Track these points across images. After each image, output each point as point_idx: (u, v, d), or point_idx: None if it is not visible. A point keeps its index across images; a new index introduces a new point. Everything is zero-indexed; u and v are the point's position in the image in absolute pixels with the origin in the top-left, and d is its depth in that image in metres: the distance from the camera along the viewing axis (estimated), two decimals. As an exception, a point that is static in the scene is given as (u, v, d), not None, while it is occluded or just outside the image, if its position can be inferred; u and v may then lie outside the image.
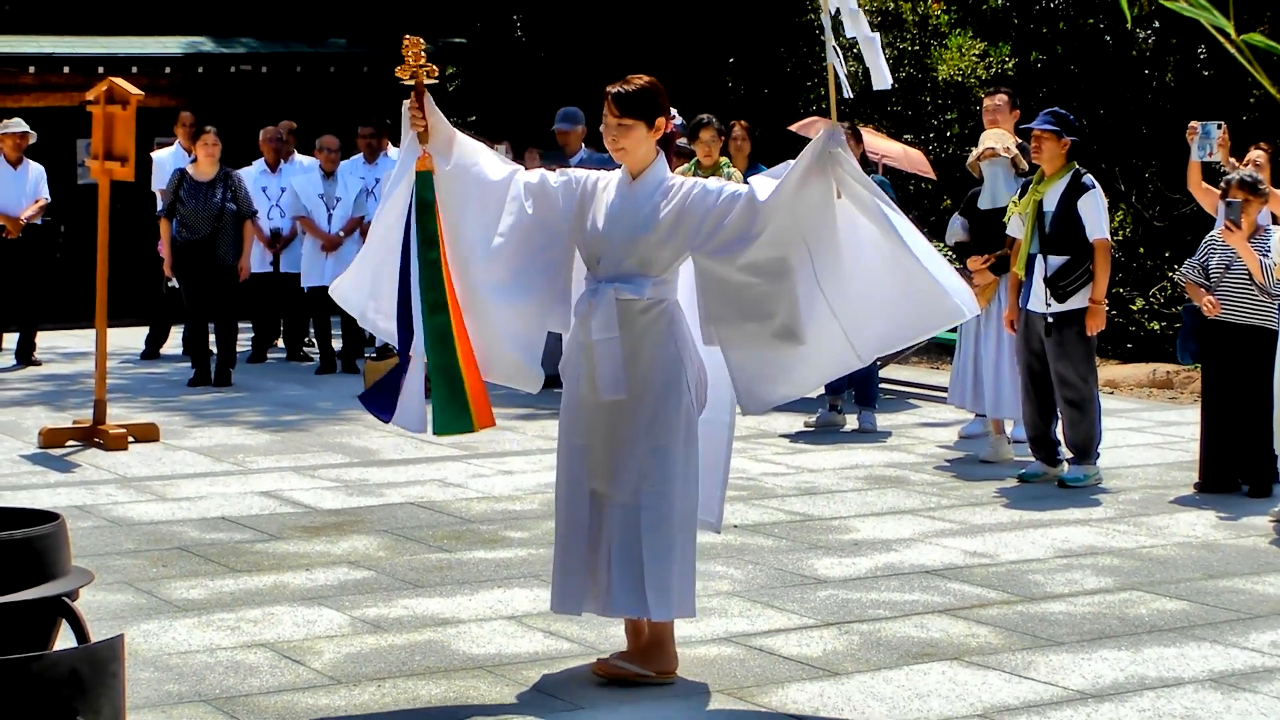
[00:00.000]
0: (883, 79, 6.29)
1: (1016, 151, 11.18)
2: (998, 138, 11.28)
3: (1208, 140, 10.98)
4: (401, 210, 6.42)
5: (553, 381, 6.61)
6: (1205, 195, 11.31)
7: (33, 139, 16.06)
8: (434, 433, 6.40)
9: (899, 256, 6.06)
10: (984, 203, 11.24)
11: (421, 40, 6.50)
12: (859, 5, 6.32)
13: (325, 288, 15.21)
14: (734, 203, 6.17)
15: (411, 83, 6.43)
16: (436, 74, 6.49)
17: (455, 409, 6.32)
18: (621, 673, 6.30)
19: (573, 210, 6.33)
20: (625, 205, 6.27)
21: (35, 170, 16.05)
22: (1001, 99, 11.84)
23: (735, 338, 6.23)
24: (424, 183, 6.35)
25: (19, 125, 15.96)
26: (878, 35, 6.49)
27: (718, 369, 6.34)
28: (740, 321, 6.20)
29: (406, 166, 6.43)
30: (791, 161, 6.21)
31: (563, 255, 6.38)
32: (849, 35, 6.28)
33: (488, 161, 6.47)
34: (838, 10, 6.28)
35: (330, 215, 15.47)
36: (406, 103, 6.42)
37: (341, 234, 15.39)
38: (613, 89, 6.28)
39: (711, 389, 6.38)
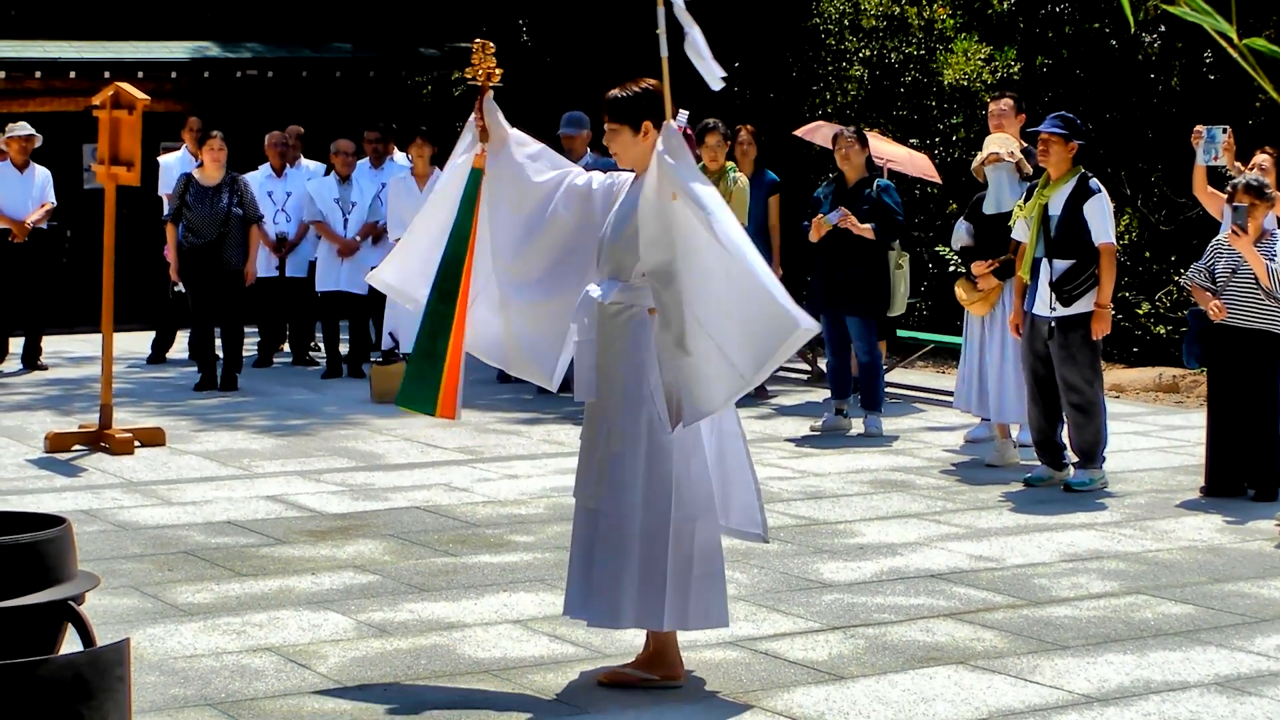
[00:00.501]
0: (714, 77, 6.35)
1: (1021, 156, 11.18)
2: (1002, 142, 11.28)
3: (1213, 144, 10.97)
4: (452, 202, 6.63)
5: (564, 386, 6.64)
6: (1210, 200, 11.30)
7: (38, 142, 16.07)
8: (396, 402, 6.81)
9: (739, 266, 5.90)
10: (989, 207, 11.24)
11: (490, 44, 6.68)
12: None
13: (338, 292, 15.37)
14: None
15: (477, 84, 6.65)
16: (500, 77, 6.69)
17: (424, 388, 6.60)
18: (624, 678, 6.32)
19: (606, 213, 6.39)
20: (620, 208, 6.35)
21: (42, 174, 16.07)
22: (1007, 103, 11.84)
23: (660, 345, 6.12)
24: (474, 180, 6.59)
25: (24, 129, 15.98)
26: (697, 30, 6.55)
27: None
28: (661, 329, 6.11)
29: (463, 161, 6.67)
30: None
31: (593, 258, 6.44)
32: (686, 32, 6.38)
33: (540, 164, 6.56)
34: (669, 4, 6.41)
35: (346, 220, 15.46)
36: (476, 103, 6.64)
37: (357, 239, 15.39)
38: (609, 94, 6.36)
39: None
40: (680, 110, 6.62)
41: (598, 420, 6.35)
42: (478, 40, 6.72)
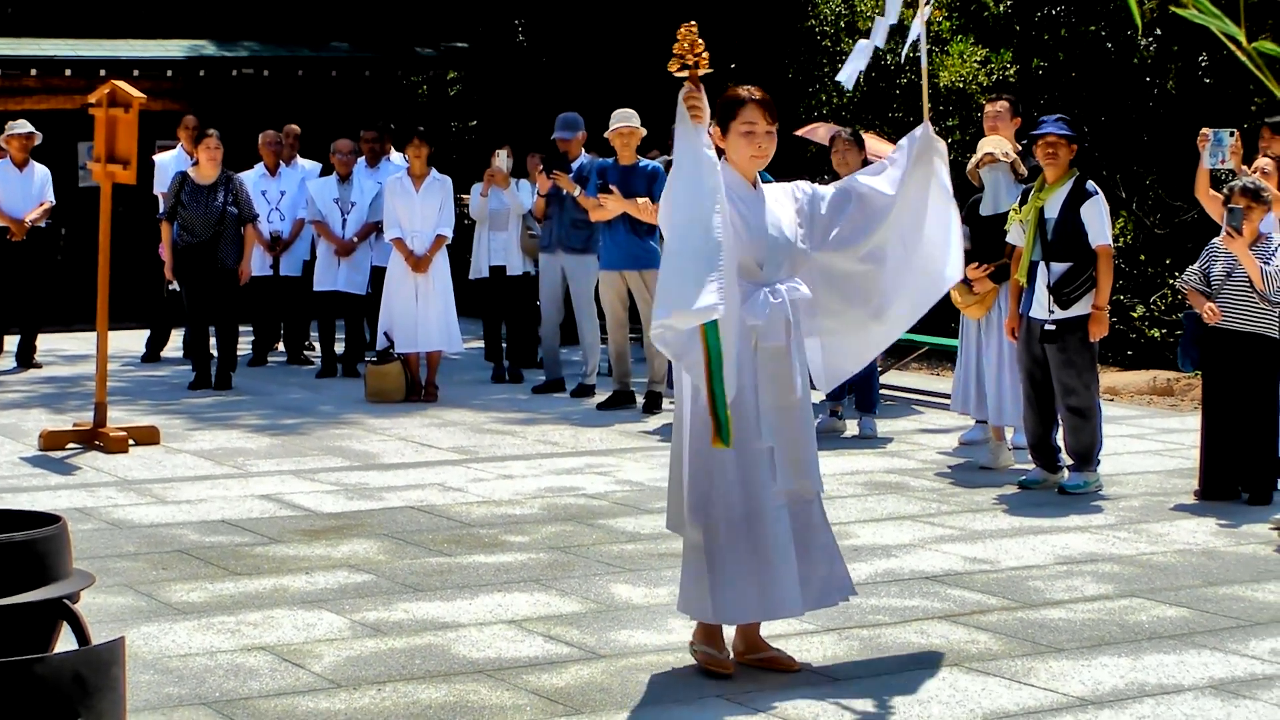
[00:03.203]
0: (849, 77, 6.59)
1: (1016, 157, 11.19)
2: (996, 143, 11.29)
3: (1220, 148, 10.95)
4: (713, 203, 5.98)
5: (554, 385, 6.63)
6: (1212, 202, 11.29)
7: (38, 140, 16.08)
8: (726, 443, 6.06)
9: (945, 234, 6.73)
10: (985, 208, 11.24)
11: (695, 26, 6.22)
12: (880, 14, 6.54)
13: (335, 293, 15.37)
14: (843, 203, 6.55)
15: (685, 75, 6.18)
16: (708, 62, 6.22)
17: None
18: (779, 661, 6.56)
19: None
20: (769, 212, 6.46)
21: (41, 172, 16.07)
22: (1003, 105, 11.83)
23: (838, 325, 6.67)
24: (713, 168, 6.05)
25: (24, 127, 15.98)
26: (873, 46, 6.76)
27: None
28: (846, 309, 6.65)
29: (702, 155, 6.05)
30: (891, 157, 6.71)
31: None
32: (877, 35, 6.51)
33: None
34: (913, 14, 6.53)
35: (345, 220, 15.45)
36: (683, 92, 6.12)
37: (355, 239, 15.39)
38: (758, 95, 6.46)
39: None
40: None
41: (803, 413, 6.56)
42: (684, 26, 6.24)
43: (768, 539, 6.36)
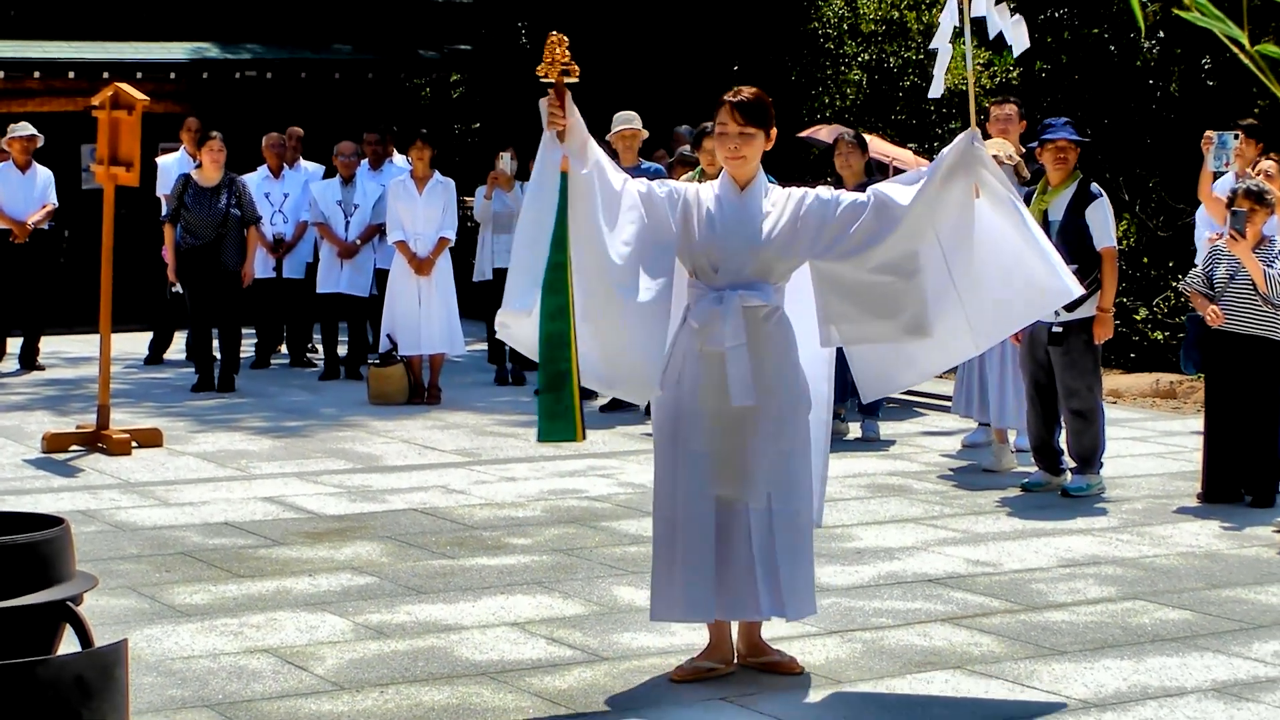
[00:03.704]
0: (936, 87, 6.67)
1: (1019, 159, 11.18)
2: (1000, 146, 11.27)
3: (1224, 150, 10.94)
4: (548, 213, 6.18)
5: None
6: (1215, 205, 11.29)
7: (40, 142, 16.07)
8: (539, 439, 6.23)
9: (1026, 246, 6.52)
10: (988, 212, 11.23)
11: (565, 38, 6.35)
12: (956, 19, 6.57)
13: (338, 294, 15.37)
14: (858, 211, 6.39)
15: (552, 81, 6.27)
16: (578, 74, 6.33)
17: (563, 417, 6.12)
18: (782, 665, 6.54)
19: (678, 220, 6.36)
20: (739, 215, 6.36)
21: (44, 175, 16.07)
22: (1012, 109, 11.80)
23: (860, 335, 6.53)
24: (563, 185, 6.17)
25: (26, 129, 15.98)
26: (948, 48, 6.82)
27: (808, 367, 6.54)
28: (867, 319, 6.47)
29: (550, 167, 6.22)
30: (928, 166, 6.62)
31: (671, 264, 6.40)
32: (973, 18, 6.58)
33: (611, 168, 6.42)
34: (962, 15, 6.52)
35: (348, 222, 15.45)
36: (544, 101, 6.24)
37: (358, 241, 15.38)
38: (732, 98, 6.40)
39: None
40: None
41: (758, 421, 6.33)
42: (553, 34, 6.33)
43: (689, 541, 6.36)
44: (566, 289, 6.09)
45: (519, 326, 6.25)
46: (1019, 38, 6.94)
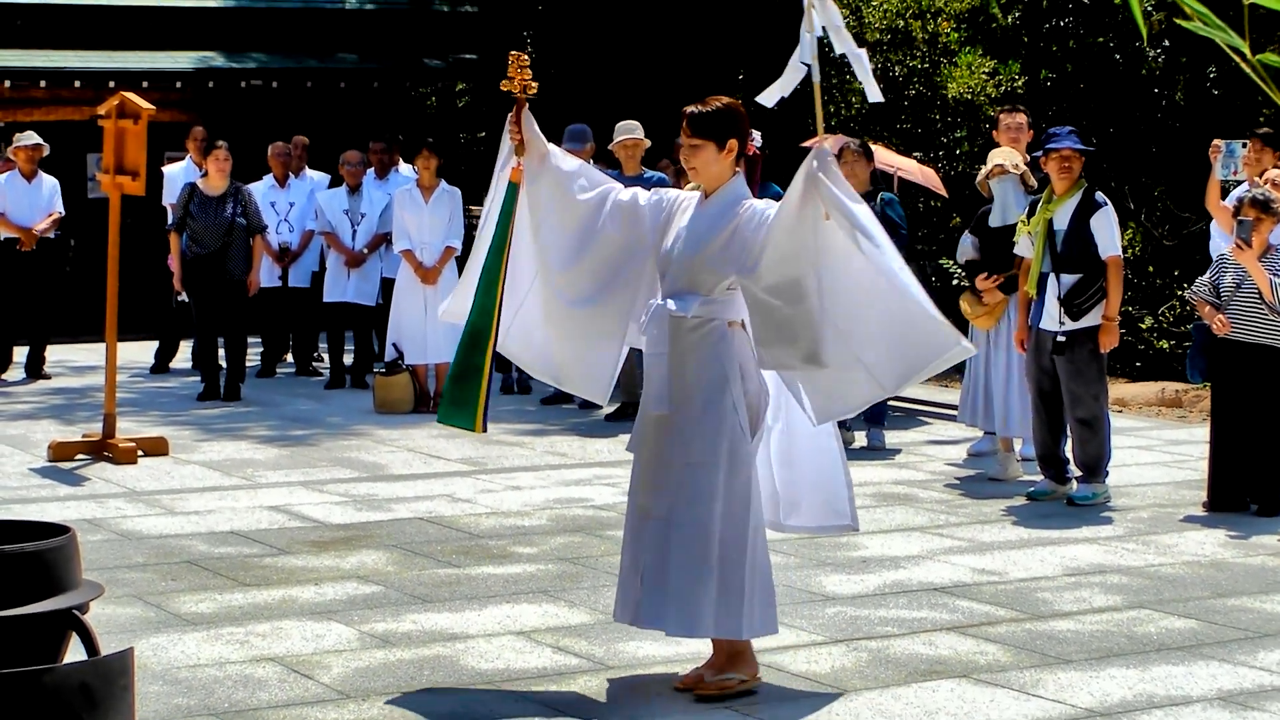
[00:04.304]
0: (874, 93, 6.46)
1: (1025, 169, 11.18)
2: (1006, 155, 11.28)
3: (1232, 159, 10.94)
4: (493, 219, 6.68)
5: (562, 396, 6.67)
6: (1222, 214, 11.28)
7: (46, 151, 16.09)
8: (438, 419, 6.73)
9: (890, 284, 6.13)
10: (994, 220, 11.24)
11: (525, 56, 6.64)
12: (841, 23, 6.46)
13: (344, 304, 15.38)
14: (764, 225, 6.28)
15: (514, 95, 6.58)
16: (536, 89, 6.64)
17: (466, 405, 6.58)
18: (724, 687, 6.36)
19: (658, 228, 6.46)
20: (693, 224, 6.40)
21: (50, 183, 16.08)
22: (1021, 118, 11.80)
23: (774, 359, 6.33)
24: (510, 194, 6.58)
25: (32, 138, 16.00)
26: (864, 51, 6.67)
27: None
28: (777, 344, 6.26)
29: (503, 176, 6.65)
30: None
31: (644, 272, 6.51)
32: (838, 52, 6.40)
33: (581, 181, 6.59)
34: (824, 28, 6.41)
35: (354, 231, 15.46)
36: (510, 115, 6.57)
37: (365, 250, 15.39)
38: (689, 109, 6.42)
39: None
40: (753, 131, 6.66)
41: (670, 432, 6.34)
42: (514, 52, 6.69)
43: (622, 545, 6.52)
44: (496, 291, 6.55)
45: (455, 308, 6.87)
46: (868, 86, 6.85)
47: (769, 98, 6.73)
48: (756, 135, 6.46)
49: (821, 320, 6.15)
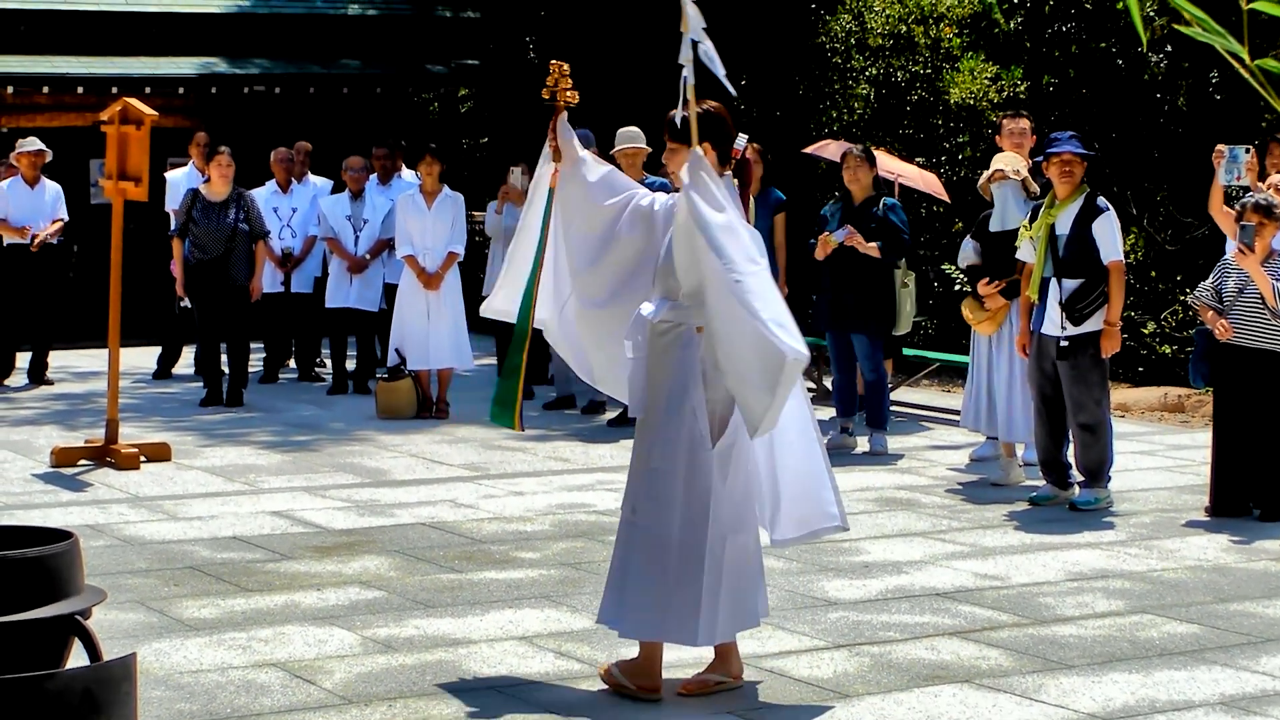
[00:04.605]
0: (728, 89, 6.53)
1: (1027, 174, 11.18)
2: (1008, 160, 11.28)
3: (1235, 164, 10.92)
4: (536, 223, 6.94)
5: (565, 402, 6.70)
6: (1226, 219, 11.27)
7: (49, 157, 16.09)
8: (490, 418, 7.08)
9: (729, 300, 6.06)
10: (994, 225, 11.25)
11: (566, 65, 6.90)
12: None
13: (347, 309, 15.39)
14: None
15: (553, 105, 6.82)
16: (576, 99, 6.86)
17: (510, 405, 6.90)
18: (692, 685, 6.44)
19: (666, 234, 6.51)
20: (670, 232, 6.48)
21: (53, 189, 16.09)
22: (1025, 123, 11.81)
23: (706, 364, 6.34)
24: (549, 200, 6.86)
25: (35, 144, 16.01)
26: (713, 58, 6.72)
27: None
28: (706, 349, 6.32)
29: (542, 182, 6.93)
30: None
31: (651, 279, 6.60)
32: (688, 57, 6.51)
33: (607, 186, 6.75)
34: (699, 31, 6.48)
35: (357, 237, 15.46)
36: (550, 122, 6.81)
37: (368, 256, 15.40)
38: (671, 114, 6.52)
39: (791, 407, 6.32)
40: (740, 134, 6.70)
41: (639, 435, 6.49)
42: (554, 61, 6.91)
43: None
44: (533, 293, 6.82)
45: (499, 303, 7.11)
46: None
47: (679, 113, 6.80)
48: (742, 139, 6.46)
49: (713, 327, 6.18)
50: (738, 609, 6.43)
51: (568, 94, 6.79)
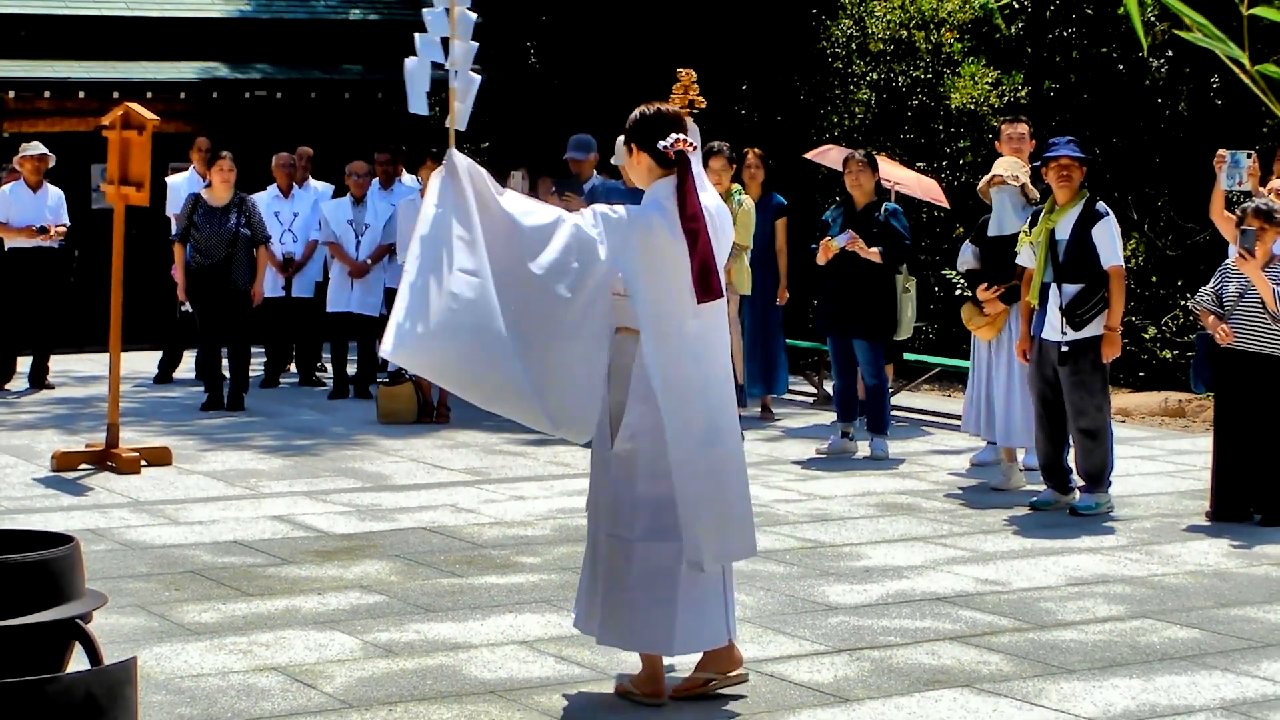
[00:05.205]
0: (461, 121, 6.55)
1: (1026, 180, 11.19)
2: (1008, 165, 11.29)
3: (1237, 169, 10.92)
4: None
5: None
6: (1227, 224, 11.26)
7: (52, 162, 16.09)
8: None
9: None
10: (992, 230, 11.27)
11: (693, 72, 6.82)
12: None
13: (348, 314, 15.40)
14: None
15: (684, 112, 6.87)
16: (704, 104, 6.94)
17: None
18: (619, 688, 6.48)
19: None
20: None
21: (55, 194, 16.09)
22: (1024, 128, 11.83)
23: None
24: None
25: (38, 149, 16.01)
26: (467, 75, 6.81)
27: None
28: None
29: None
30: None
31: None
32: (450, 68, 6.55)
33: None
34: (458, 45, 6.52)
35: (358, 242, 15.47)
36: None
37: (369, 261, 15.41)
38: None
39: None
40: (674, 135, 6.69)
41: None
42: (682, 69, 6.88)
43: None
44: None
45: None
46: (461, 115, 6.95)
47: (459, 121, 6.90)
48: (672, 137, 6.44)
49: None
50: (651, 622, 6.24)
51: (697, 100, 6.88)
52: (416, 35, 6.71)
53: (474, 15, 6.70)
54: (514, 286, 6.09)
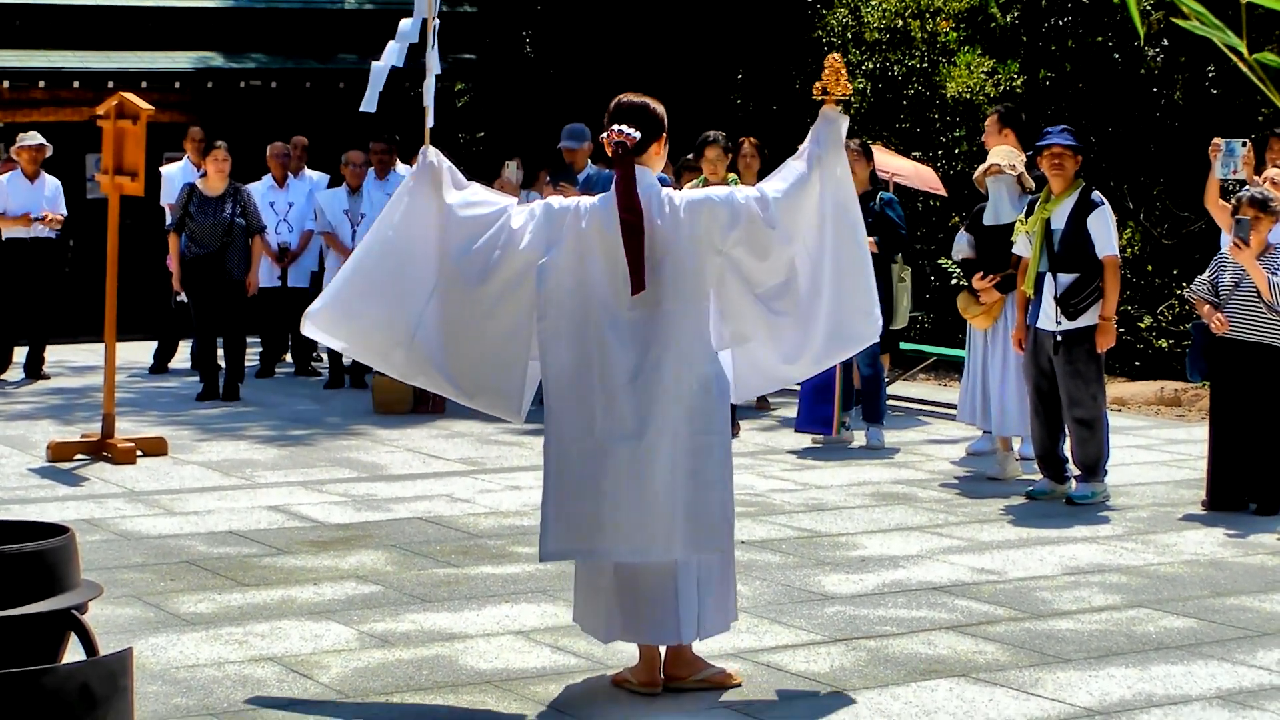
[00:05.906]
0: (369, 104, 6.77)
1: (1022, 169, 11.18)
2: (1004, 154, 11.28)
3: (1232, 158, 10.91)
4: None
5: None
6: (1221, 213, 11.28)
7: (49, 152, 16.07)
8: None
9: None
10: (987, 219, 11.26)
11: (840, 58, 7.02)
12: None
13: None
14: None
15: (822, 99, 6.97)
16: (850, 91, 6.96)
17: None
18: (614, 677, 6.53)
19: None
20: None
21: (52, 184, 16.08)
22: (991, 120, 11.83)
23: None
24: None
25: (35, 138, 15.99)
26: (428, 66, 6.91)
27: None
28: None
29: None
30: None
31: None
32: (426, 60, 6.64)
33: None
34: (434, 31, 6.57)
35: (354, 232, 15.46)
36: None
37: None
38: None
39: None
40: (615, 126, 6.72)
41: None
42: (832, 55, 6.97)
43: None
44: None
45: None
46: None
47: (369, 105, 7.14)
48: (611, 130, 6.53)
49: None
50: (589, 611, 6.46)
51: (847, 87, 6.95)
52: (390, 44, 6.84)
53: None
54: (436, 274, 6.61)
